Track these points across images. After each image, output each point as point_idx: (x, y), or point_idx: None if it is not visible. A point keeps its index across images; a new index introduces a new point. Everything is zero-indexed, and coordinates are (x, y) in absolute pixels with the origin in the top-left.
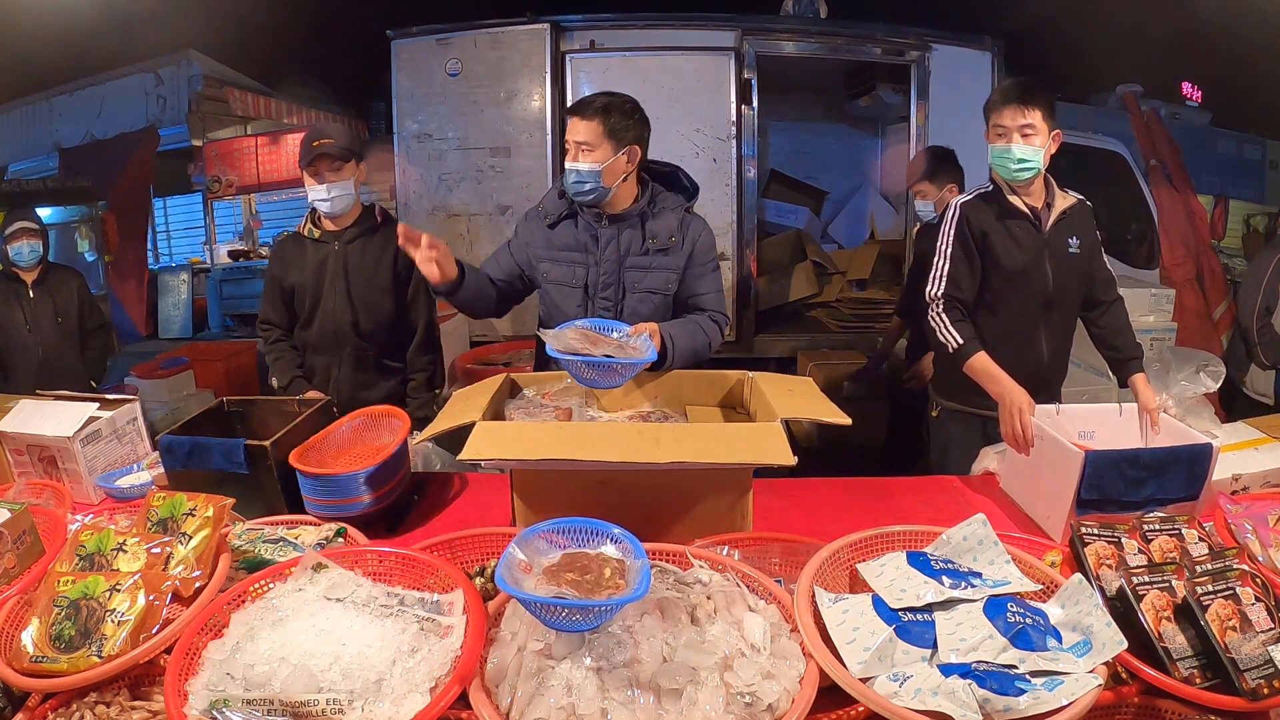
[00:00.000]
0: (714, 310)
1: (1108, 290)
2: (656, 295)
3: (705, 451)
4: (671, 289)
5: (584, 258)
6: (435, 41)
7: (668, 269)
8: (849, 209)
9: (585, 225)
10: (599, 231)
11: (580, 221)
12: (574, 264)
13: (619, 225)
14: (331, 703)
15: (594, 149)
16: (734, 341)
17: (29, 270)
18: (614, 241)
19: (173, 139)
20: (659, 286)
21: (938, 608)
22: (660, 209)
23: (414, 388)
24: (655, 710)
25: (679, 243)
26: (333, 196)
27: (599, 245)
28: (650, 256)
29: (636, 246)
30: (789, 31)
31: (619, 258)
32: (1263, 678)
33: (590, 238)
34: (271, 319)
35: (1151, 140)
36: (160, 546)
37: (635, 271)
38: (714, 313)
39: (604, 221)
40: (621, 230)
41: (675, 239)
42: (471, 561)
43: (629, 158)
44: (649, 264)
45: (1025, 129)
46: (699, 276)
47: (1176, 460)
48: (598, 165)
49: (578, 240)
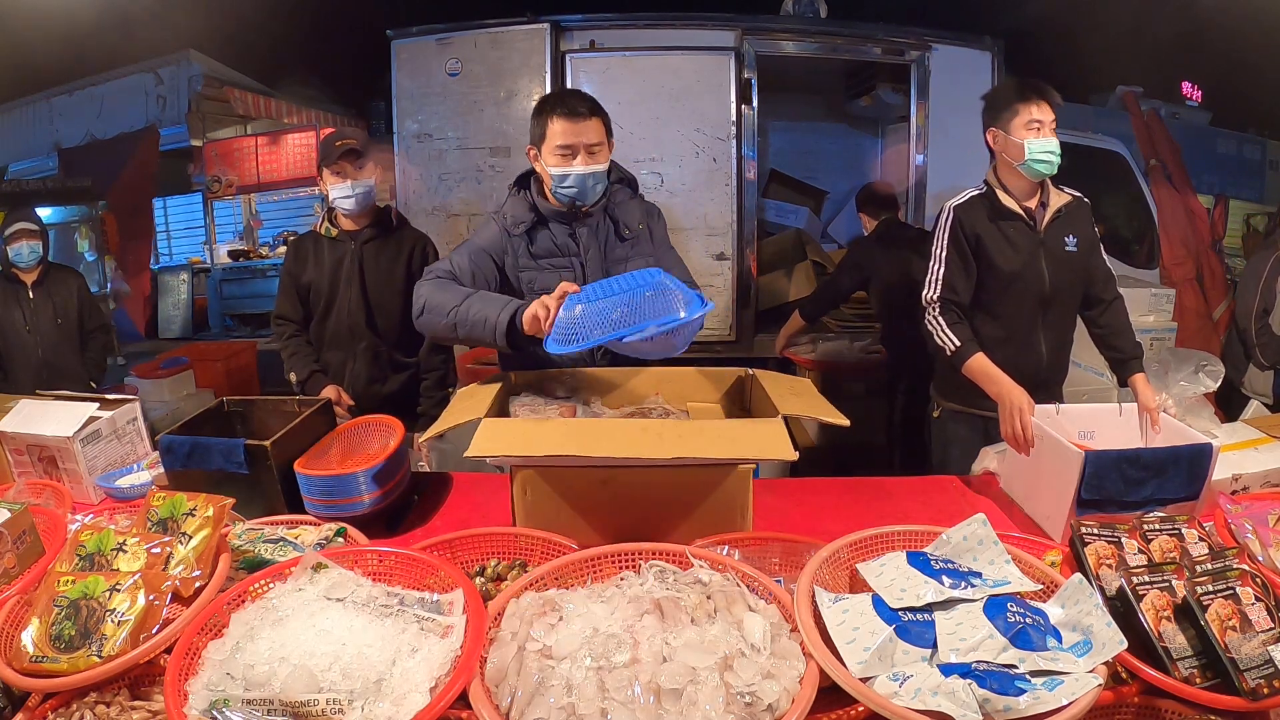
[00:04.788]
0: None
1: (1107, 288)
2: None
3: (707, 446)
4: None
5: (569, 261)
6: (435, 41)
7: (644, 255)
8: (849, 209)
9: (560, 228)
10: (576, 231)
11: (554, 226)
12: (559, 268)
13: (591, 222)
14: (331, 703)
15: (604, 148)
16: (734, 341)
17: (29, 271)
18: (593, 239)
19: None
20: None
21: (938, 608)
22: (620, 200)
23: (427, 387)
24: (655, 710)
25: (645, 229)
26: (356, 193)
27: (580, 245)
28: (625, 245)
29: (613, 239)
30: (789, 31)
31: (601, 253)
32: (1263, 678)
33: (569, 239)
34: (288, 315)
35: (1151, 140)
36: (160, 546)
37: (619, 263)
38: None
39: (578, 221)
40: (595, 227)
41: (642, 225)
42: (471, 561)
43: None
44: (627, 253)
45: (1052, 122)
46: (666, 256)
47: (1176, 460)
48: (606, 165)
49: (558, 245)
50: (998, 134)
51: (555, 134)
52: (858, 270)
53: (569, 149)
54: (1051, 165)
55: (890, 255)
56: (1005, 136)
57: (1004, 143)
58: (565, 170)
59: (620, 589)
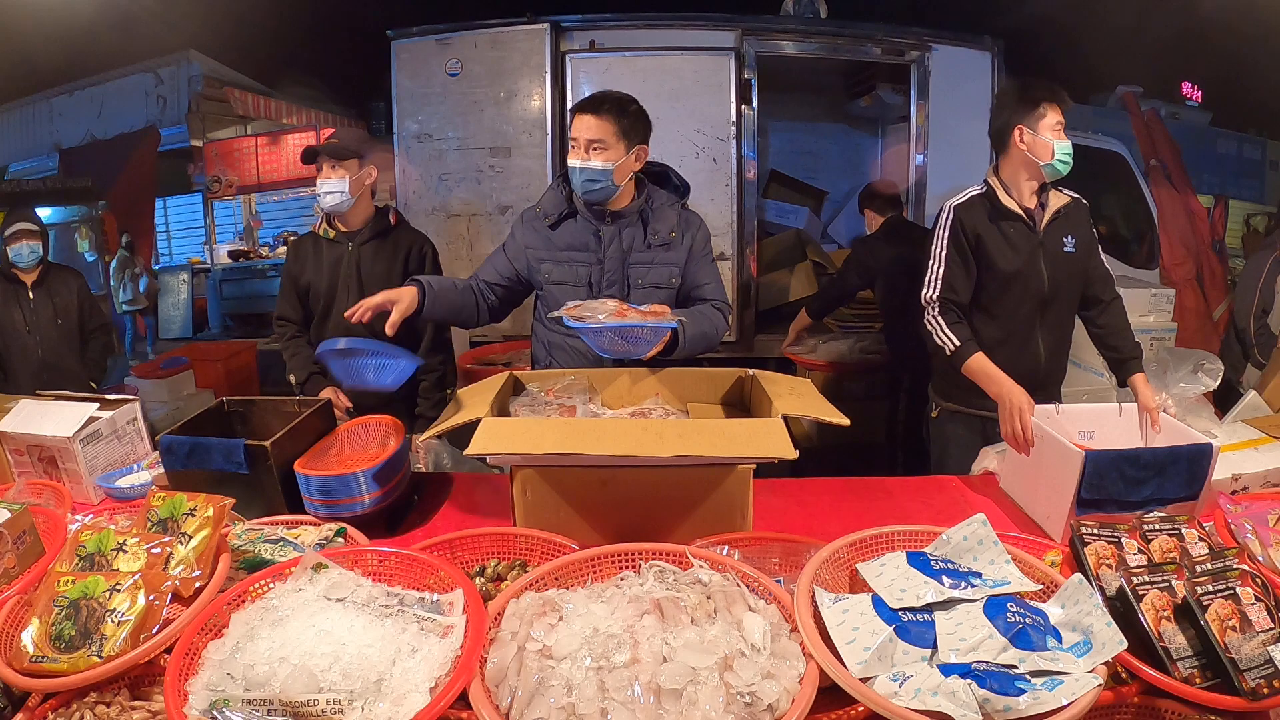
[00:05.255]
0: (717, 299)
1: (1105, 289)
2: (661, 291)
3: (707, 445)
4: (675, 283)
5: (587, 256)
6: (435, 41)
7: (670, 264)
8: (849, 209)
9: (586, 224)
10: (601, 229)
11: (581, 220)
12: (577, 263)
13: (620, 223)
14: (331, 703)
15: (607, 147)
16: (734, 341)
17: (29, 271)
18: (616, 239)
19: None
20: (663, 282)
21: (938, 608)
22: (658, 205)
23: (425, 388)
24: (655, 710)
25: (679, 238)
26: (323, 192)
27: (602, 243)
28: (653, 252)
29: (639, 243)
30: (789, 31)
31: (622, 255)
32: (1263, 678)
33: (592, 236)
34: (288, 315)
35: (1151, 140)
36: (160, 546)
37: (639, 268)
38: (717, 301)
39: (606, 219)
40: (623, 228)
41: (675, 234)
42: (471, 561)
43: (637, 157)
44: (652, 259)
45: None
46: (700, 269)
47: (1176, 460)
48: (610, 164)
49: (580, 239)
50: (1025, 132)
51: (573, 128)
52: (863, 268)
53: (574, 141)
54: (1069, 167)
55: (895, 253)
56: (1034, 136)
57: (1032, 142)
58: (574, 164)
59: (620, 589)
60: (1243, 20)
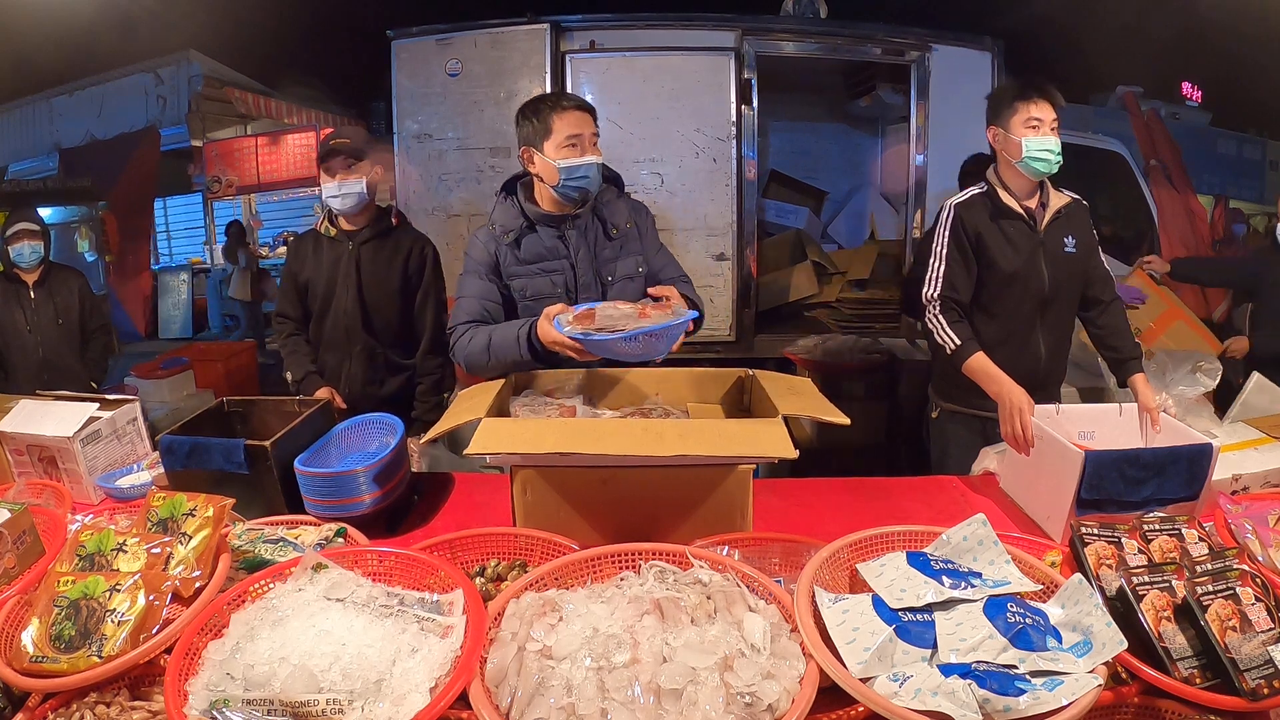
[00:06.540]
0: (680, 276)
1: (1105, 289)
2: (633, 281)
3: (707, 445)
4: (644, 270)
5: (559, 264)
6: (435, 41)
7: (634, 253)
8: (849, 209)
9: (547, 232)
10: (565, 233)
11: (542, 230)
12: (550, 273)
13: (579, 224)
14: (331, 703)
15: (597, 142)
16: (734, 341)
17: (30, 271)
18: (582, 240)
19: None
20: (632, 271)
21: (938, 608)
22: (607, 199)
23: (423, 391)
24: (655, 710)
25: (634, 227)
26: (343, 194)
27: (569, 247)
28: (614, 243)
29: (601, 238)
30: (789, 31)
31: (591, 254)
32: (1263, 678)
33: (558, 241)
34: (288, 313)
35: (1151, 140)
36: (160, 546)
37: (609, 263)
38: (682, 278)
39: (565, 223)
40: (583, 228)
41: (631, 224)
42: (471, 561)
43: None
44: (617, 252)
45: (1053, 122)
46: (658, 253)
47: (1176, 460)
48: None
49: (547, 249)
50: (998, 132)
51: (565, 126)
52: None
53: (574, 139)
54: (1050, 164)
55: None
56: (1005, 134)
57: (1003, 140)
58: (577, 161)
59: (620, 589)
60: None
